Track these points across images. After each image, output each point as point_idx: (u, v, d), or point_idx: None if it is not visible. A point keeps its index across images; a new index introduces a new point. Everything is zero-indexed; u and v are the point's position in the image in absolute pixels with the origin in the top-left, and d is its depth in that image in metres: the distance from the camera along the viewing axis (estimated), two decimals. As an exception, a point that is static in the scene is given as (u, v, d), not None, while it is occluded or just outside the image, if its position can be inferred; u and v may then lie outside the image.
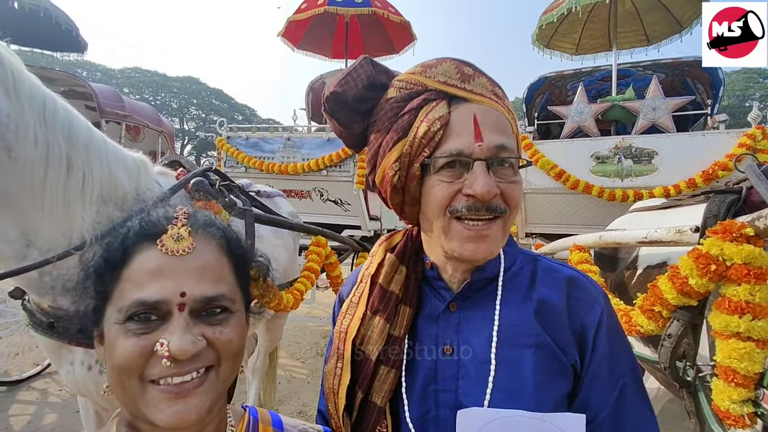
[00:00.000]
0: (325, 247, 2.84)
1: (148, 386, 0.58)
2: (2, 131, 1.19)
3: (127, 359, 0.58)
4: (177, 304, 0.59)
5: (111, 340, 0.60)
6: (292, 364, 4.95)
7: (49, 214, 1.30)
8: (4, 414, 3.62)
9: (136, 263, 0.62)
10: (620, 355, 0.77)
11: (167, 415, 0.57)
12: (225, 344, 0.62)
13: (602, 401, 0.74)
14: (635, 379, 0.78)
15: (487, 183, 0.70)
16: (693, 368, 1.35)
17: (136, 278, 0.61)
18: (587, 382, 0.75)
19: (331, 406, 0.82)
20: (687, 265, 1.26)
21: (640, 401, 0.77)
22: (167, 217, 0.66)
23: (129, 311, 0.59)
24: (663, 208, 2.32)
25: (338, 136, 0.92)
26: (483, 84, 0.77)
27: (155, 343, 0.57)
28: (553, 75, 5.45)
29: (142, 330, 0.59)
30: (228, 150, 4.94)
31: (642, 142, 3.93)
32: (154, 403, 0.58)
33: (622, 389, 0.75)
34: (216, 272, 0.65)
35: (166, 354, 0.56)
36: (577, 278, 0.82)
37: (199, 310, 0.62)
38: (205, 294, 0.61)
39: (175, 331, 0.58)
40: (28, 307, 1.55)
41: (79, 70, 30.76)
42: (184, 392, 0.58)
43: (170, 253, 0.62)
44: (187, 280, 0.61)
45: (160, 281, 0.60)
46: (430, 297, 0.85)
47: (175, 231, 0.64)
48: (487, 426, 0.71)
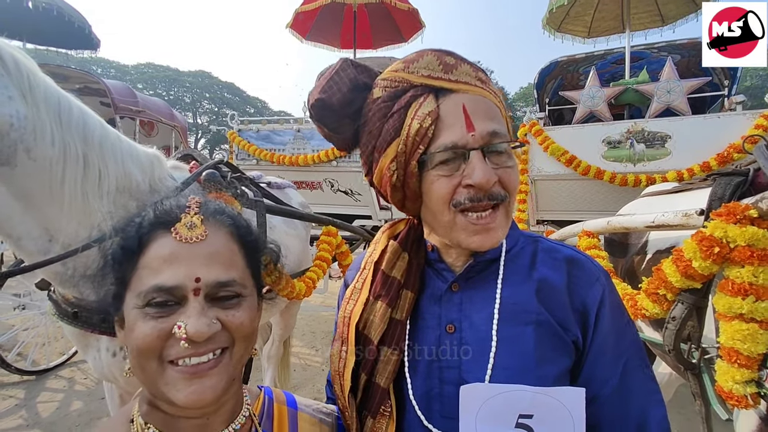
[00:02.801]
0: (336, 236, 2.88)
1: (167, 367, 0.62)
2: (21, 133, 1.25)
3: (146, 342, 0.61)
4: (192, 289, 0.62)
5: (131, 324, 0.64)
6: (307, 352, 5.04)
7: (69, 211, 1.36)
8: (34, 402, 3.79)
9: (152, 251, 0.66)
10: (623, 331, 0.79)
11: (185, 394, 0.61)
12: (238, 327, 0.65)
13: (607, 376, 0.77)
14: (637, 353, 0.80)
15: (486, 171, 0.71)
16: (698, 350, 1.36)
17: (153, 265, 0.64)
18: (591, 358, 0.77)
19: (337, 388, 0.85)
20: (691, 248, 1.26)
21: (644, 375, 0.79)
22: (180, 206, 0.70)
23: (147, 296, 0.62)
24: (674, 192, 2.30)
25: (328, 141, 0.93)
26: (466, 72, 0.77)
27: (173, 326, 0.60)
28: (564, 59, 5.35)
29: (159, 314, 0.62)
30: (239, 143, 5.00)
31: (655, 126, 3.86)
32: (173, 383, 0.61)
33: (625, 364, 0.77)
34: (227, 258, 0.68)
35: (184, 336, 0.59)
36: (576, 258, 0.84)
37: (213, 294, 0.65)
38: (218, 279, 0.65)
39: (191, 315, 0.61)
40: (54, 297, 1.63)
41: (94, 67, 31.23)
42: (201, 373, 0.61)
43: (184, 240, 0.65)
44: (200, 265, 0.64)
45: (175, 267, 0.63)
46: (433, 278, 0.87)
47: (188, 219, 0.67)
48: (489, 400, 0.73)
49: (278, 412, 0.82)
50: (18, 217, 1.33)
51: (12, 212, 1.31)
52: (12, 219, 1.32)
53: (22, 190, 1.30)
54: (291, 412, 0.84)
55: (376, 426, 0.80)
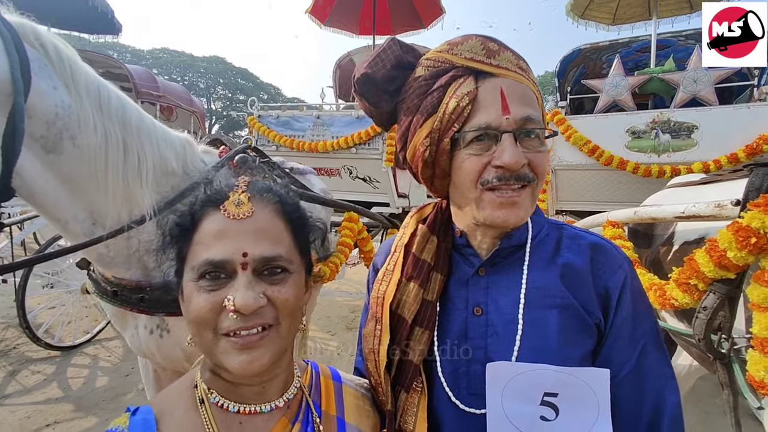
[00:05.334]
0: (357, 222, 2.91)
1: (221, 338, 0.66)
2: (66, 122, 1.29)
3: (200, 313, 0.66)
4: (240, 264, 0.66)
5: (187, 296, 0.69)
6: (323, 336, 5.14)
7: (112, 196, 1.42)
8: (61, 377, 3.95)
9: (204, 227, 0.70)
10: (642, 316, 0.81)
11: (236, 363, 0.65)
12: (283, 302, 0.69)
13: (624, 358, 0.79)
14: (655, 339, 0.82)
15: (515, 153, 0.74)
16: (728, 341, 1.37)
17: (204, 240, 0.69)
18: (610, 341, 0.80)
19: (371, 365, 0.89)
20: (726, 238, 1.26)
21: (660, 358, 0.81)
22: (229, 185, 0.74)
23: (200, 270, 0.67)
24: (702, 183, 2.27)
25: (368, 115, 0.97)
26: (508, 58, 0.80)
27: (224, 299, 0.65)
28: (587, 47, 5.24)
29: (212, 287, 0.66)
30: (259, 128, 5.03)
31: (681, 116, 3.78)
32: (226, 353, 0.66)
33: (643, 348, 0.79)
34: (274, 234, 0.71)
35: (232, 308, 0.63)
36: (601, 244, 0.86)
37: (261, 269, 0.68)
38: (264, 254, 0.68)
39: (239, 288, 0.65)
40: (94, 276, 1.70)
41: (110, 52, 31.52)
42: (249, 344, 0.65)
43: (231, 217, 0.69)
44: (247, 241, 0.68)
45: (224, 242, 0.67)
46: (460, 263, 0.90)
47: (236, 197, 0.71)
48: (515, 378, 0.76)
49: (325, 386, 0.86)
50: (65, 202, 1.39)
51: (59, 198, 1.37)
52: (59, 204, 1.38)
53: (68, 176, 1.36)
54: (336, 386, 0.88)
55: (409, 400, 0.84)
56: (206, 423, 0.69)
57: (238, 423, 0.71)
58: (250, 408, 0.72)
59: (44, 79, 1.26)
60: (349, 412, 0.84)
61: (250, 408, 0.72)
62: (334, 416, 0.81)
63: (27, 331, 3.98)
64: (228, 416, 0.71)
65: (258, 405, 0.73)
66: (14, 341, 4.54)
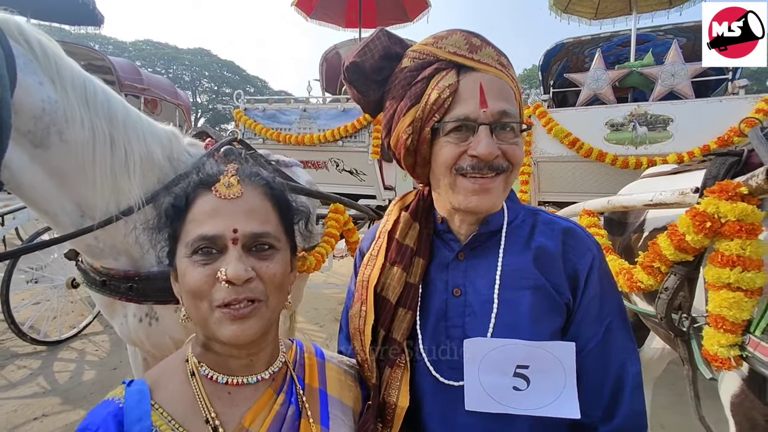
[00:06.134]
0: (343, 213, 2.96)
1: (215, 310, 0.71)
2: (53, 117, 1.31)
3: (196, 285, 0.71)
4: (231, 239, 0.72)
5: (182, 271, 0.74)
6: (311, 328, 5.18)
7: (100, 188, 1.44)
8: (47, 371, 3.94)
9: (197, 207, 0.76)
10: (608, 296, 0.88)
11: (228, 332, 0.70)
12: (271, 277, 0.74)
13: (591, 334, 0.86)
14: (621, 317, 0.89)
15: (489, 145, 0.79)
16: (688, 319, 1.46)
17: (197, 218, 0.74)
18: (578, 318, 0.87)
19: (357, 344, 0.95)
20: (685, 223, 1.35)
21: (624, 335, 0.88)
22: (220, 170, 0.80)
23: (193, 245, 0.72)
24: (673, 173, 2.37)
25: (356, 103, 1.01)
26: (490, 54, 0.85)
27: (217, 271, 0.70)
28: (570, 41, 5.33)
29: (205, 261, 0.72)
30: (246, 121, 5.02)
31: (657, 109, 3.89)
32: (219, 323, 0.71)
33: (608, 325, 0.87)
34: (262, 214, 0.77)
35: (224, 278, 0.69)
36: (572, 229, 0.93)
37: (250, 245, 0.74)
38: (253, 231, 0.74)
39: (231, 261, 0.70)
40: (82, 267, 1.72)
41: (92, 44, 30.83)
42: (240, 315, 0.71)
43: (222, 197, 0.75)
44: (237, 219, 0.74)
45: (216, 220, 0.73)
46: (441, 248, 0.96)
47: (226, 179, 0.77)
48: (490, 353, 0.84)
49: (309, 362, 0.92)
50: (53, 195, 1.41)
51: (48, 191, 1.40)
52: (48, 197, 1.41)
53: (56, 170, 1.38)
54: (319, 362, 0.93)
55: (392, 375, 0.90)
56: (197, 393, 0.75)
57: (227, 393, 0.77)
58: (238, 380, 0.77)
59: (30, 74, 1.27)
60: (332, 386, 0.90)
61: (238, 380, 0.77)
62: (316, 388, 0.87)
63: (12, 326, 3.95)
64: (217, 387, 0.77)
65: (245, 377, 0.78)
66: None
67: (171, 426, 0.71)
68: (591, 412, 0.84)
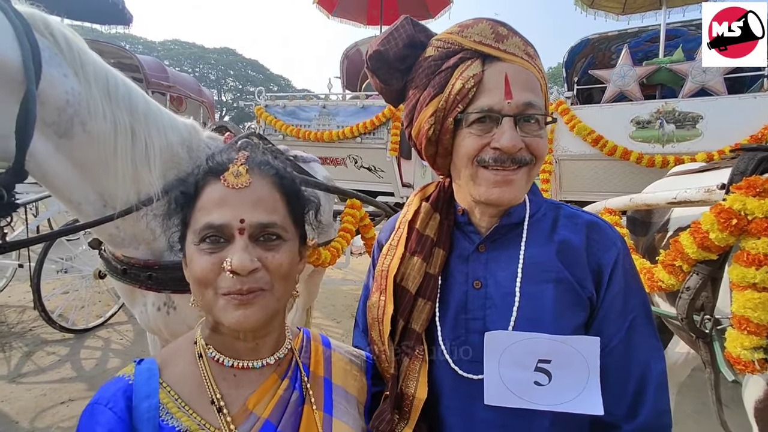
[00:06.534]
0: (360, 209, 2.96)
1: (220, 297, 0.72)
2: (76, 108, 1.35)
3: (201, 273, 0.72)
4: (237, 229, 0.72)
5: (190, 258, 0.75)
6: (328, 324, 5.21)
7: (122, 179, 1.49)
8: (77, 357, 4.09)
9: (205, 195, 0.77)
10: (633, 292, 0.86)
11: (233, 318, 0.71)
12: (276, 267, 0.75)
13: (614, 330, 0.84)
14: (645, 314, 0.86)
15: (513, 137, 0.77)
16: (711, 320, 1.40)
17: (206, 207, 0.75)
18: (602, 314, 0.84)
19: (375, 334, 0.94)
20: (708, 220, 1.29)
21: (648, 332, 0.86)
22: (230, 158, 0.80)
23: (201, 233, 0.73)
24: (701, 171, 2.28)
25: (378, 92, 1.00)
26: (516, 44, 0.82)
27: (223, 260, 0.71)
28: (596, 37, 5.19)
29: (212, 249, 0.72)
30: (266, 118, 5.08)
31: (686, 106, 3.75)
32: (224, 309, 0.72)
33: (632, 321, 0.84)
34: (269, 204, 0.77)
35: (230, 268, 0.69)
36: (596, 223, 0.90)
37: (257, 235, 0.74)
38: (260, 221, 0.74)
39: (237, 251, 0.71)
40: (105, 255, 1.78)
41: (123, 43, 31.81)
42: (245, 301, 0.71)
43: (231, 186, 0.75)
44: (245, 209, 0.74)
45: (224, 209, 0.73)
46: (461, 240, 0.95)
47: (235, 168, 0.77)
48: (511, 346, 0.82)
49: (315, 350, 0.92)
50: (77, 184, 1.46)
51: (72, 180, 1.44)
52: (72, 186, 1.45)
53: (79, 160, 1.42)
54: (326, 351, 0.94)
55: (410, 366, 0.89)
56: (204, 374, 0.76)
57: (233, 376, 0.78)
58: (244, 363, 0.78)
59: (54, 67, 1.31)
60: (337, 375, 0.90)
61: (244, 363, 0.78)
62: (321, 377, 0.88)
63: (43, 314, 4.11)
64: (223, 369, 0.78)
65: (251, 361, 0.79)
66: (30, 324, 4.69)
67: (178, 404, 0.72)
68: (614, 410, 0.82)
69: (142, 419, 0.69)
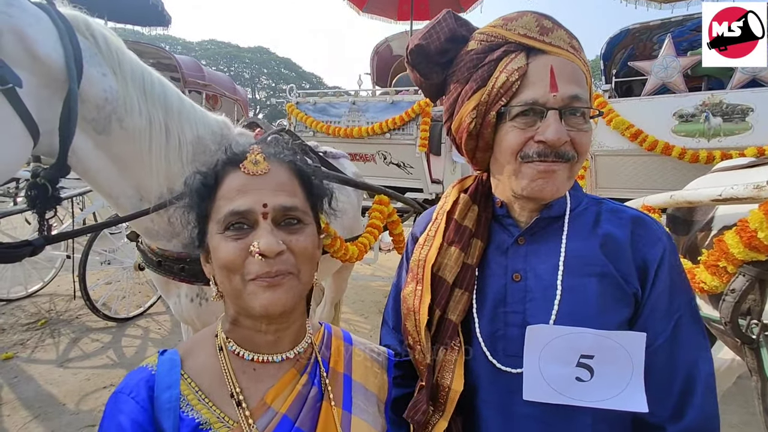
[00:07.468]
0: (388, 205, 2.96)
1: (248, 282, 0.73)
2: (114, 106, 1.42)
3: (229, 259, 0.73)
4: (261, 213, 0.74)
5: (215, 247, 0.76)
6: (356, 319, 5.26)
7: (156, 174, 1.54)
8: (119, 344, 4.30)
9: (226, 184, 0.78)
10: (679, 290, 0.83)
11: (262, 300, 0.72)
12: (302, 250, 0.76)
13: (659, 329, 0.81)
14: (692, 313, 0.83)
15: (558, 130, 0.76)
16: (758, 325, 1.32)
17: (228, 195, 0.77)
18: (647, 312, 0.81)
19: (410, 324, 0.93)
20: (757, 218, 1.21)
21: (695, 332, 0.82)
22: (246, 149, 0.81)
23: (225, 221, 0.75)
24: (749, 166, 2.14)
25: (418, 86, 1.00)
26: (561, 37, 0.81)
27: (249, 245, 0.72)
28: (637, 27, 4.94)
29: (237, 236, 0.74)
30: (297, 115, 5.15)
31: (735, 98, 3.52)
32: (253, 293, 0.73)
33: (678, 320, 0.81)
34: (289, 188, 0.79)
35: (257, 251, 0.70)
36: (641, 218, 0.87)
37: (279, 220, 0.76)
38: (283, 204, 0.76)
39: (263, 234, 0.72)
40: (141, 248, 1.86)
41: (163, 44, 33.07)
42: (274, 284, 0.72)
43: (250, 173, 0.77)
44: (266, 194, 0.75)
45: (246, 195, 0.75)
46: (499, 232, 0.93)
47: (252, 157, 0.79)
48: (553, 341, 0.79)
49: (335, 345, 0.92)
50: (116, 179, 1.53)
51: (111, 175, 1.51)
52: (111, 181, 1.53)
53: (117, 156, 1.49)
54: (347, 347, 0.94)
55: (446, 358, 0.88)
56: (224, 366, 0.78)
57: (252, 369, 0.79)
58: (263, 357, 0.80)
59: (94, 66, 1.38)
60: (357, 371, 0.90)
61: (263, 357, 0.80)
62: (341, 373, 0.88)
63: (88, 302, 4.35)
64: (243, 363, 0.79)
65: (270, 355, 0.80)
66: (77, 312, 4.97)
67: (198, 396, 0.74)
68: (658, 411, 0.79)
69: (163, 409, 0.71)
